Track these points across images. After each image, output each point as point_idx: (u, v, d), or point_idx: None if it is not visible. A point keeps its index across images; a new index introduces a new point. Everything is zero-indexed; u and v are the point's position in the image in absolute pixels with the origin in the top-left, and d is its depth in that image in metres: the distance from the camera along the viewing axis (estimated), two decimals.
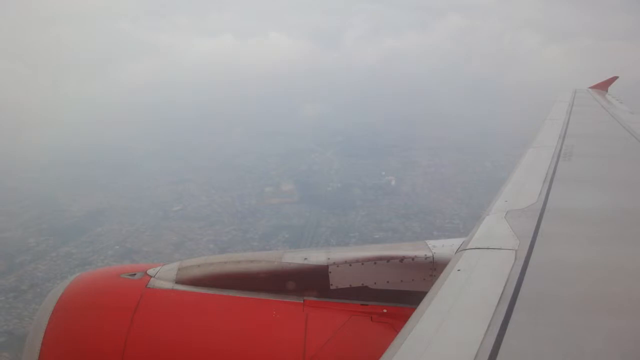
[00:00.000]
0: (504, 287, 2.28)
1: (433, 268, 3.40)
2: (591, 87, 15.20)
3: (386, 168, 79.47)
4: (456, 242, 3.37)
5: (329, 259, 3.47)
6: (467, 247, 2.91)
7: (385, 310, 3.36)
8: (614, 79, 16.04)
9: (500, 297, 2.17)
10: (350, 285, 3.43)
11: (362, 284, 3.43)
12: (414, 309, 2.27)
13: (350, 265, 3.44)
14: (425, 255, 3.47)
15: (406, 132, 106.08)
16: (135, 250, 49.67)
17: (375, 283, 3.44)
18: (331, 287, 3.42)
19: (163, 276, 3.43)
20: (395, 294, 3.42)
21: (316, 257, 3.50)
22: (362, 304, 3.40)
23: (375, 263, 3.44)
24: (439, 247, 3.54)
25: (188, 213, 62.40)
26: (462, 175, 72.84)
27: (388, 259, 3.46)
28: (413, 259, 3.46)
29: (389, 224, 55.90)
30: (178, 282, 3.41)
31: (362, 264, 3.44)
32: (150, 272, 3.47)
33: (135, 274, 3.45)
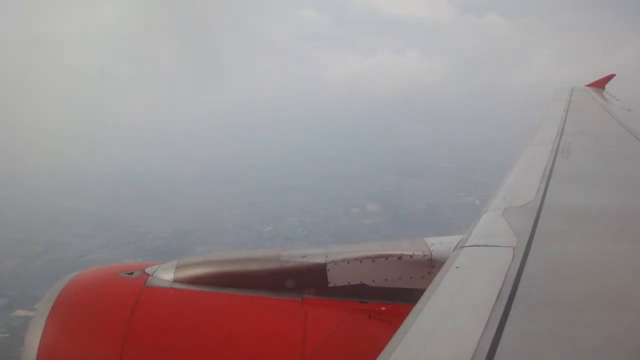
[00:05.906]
0: (502, 284, 2.26)
1: (431, 265, 3.39)
2: (588, 85, 15.24)
3: (462, 189, 78.37)
4: (454, 239, 3.31)
5: (327, 257, 3.45)
6: (465, 245, 2.86)
7: (383, 308, 3.35)
8: (611, 76, 15.96)
9: (498, 295, 2.16)
10: (349, 283, 3.41)
11: (361, 282, 3.42)
12: (412, 307, 2.23)
13: (349, 263, 3.43)
14: (424, 252, 3.48)
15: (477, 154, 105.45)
16: None
17: (373, 281, 3.42)
18: (329, 285, 3.39)
19: (161, 275, 3.41)
20: (394, 291, 3.41)
21: (314, 255, 3.48)
22: (360, 302, 3.38)
23: (373, 261, 3.44)
24: (437, 244, 3.56)
25: (281, 233, 60.57)
26: None
27: (386, 256, 3.45)
28: (411, 256, 3.47)
29: None
30: (176, 280, 3.37)
31: (361, 261, 3.43)
32: (149, 270, 3.45)
33: (133, 273, 3.42)
